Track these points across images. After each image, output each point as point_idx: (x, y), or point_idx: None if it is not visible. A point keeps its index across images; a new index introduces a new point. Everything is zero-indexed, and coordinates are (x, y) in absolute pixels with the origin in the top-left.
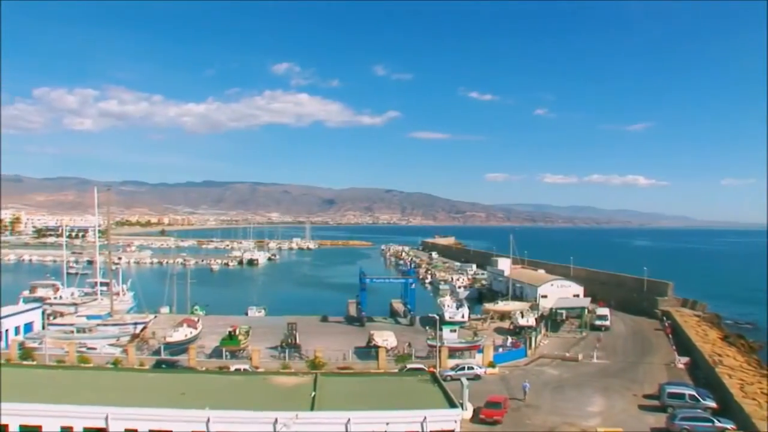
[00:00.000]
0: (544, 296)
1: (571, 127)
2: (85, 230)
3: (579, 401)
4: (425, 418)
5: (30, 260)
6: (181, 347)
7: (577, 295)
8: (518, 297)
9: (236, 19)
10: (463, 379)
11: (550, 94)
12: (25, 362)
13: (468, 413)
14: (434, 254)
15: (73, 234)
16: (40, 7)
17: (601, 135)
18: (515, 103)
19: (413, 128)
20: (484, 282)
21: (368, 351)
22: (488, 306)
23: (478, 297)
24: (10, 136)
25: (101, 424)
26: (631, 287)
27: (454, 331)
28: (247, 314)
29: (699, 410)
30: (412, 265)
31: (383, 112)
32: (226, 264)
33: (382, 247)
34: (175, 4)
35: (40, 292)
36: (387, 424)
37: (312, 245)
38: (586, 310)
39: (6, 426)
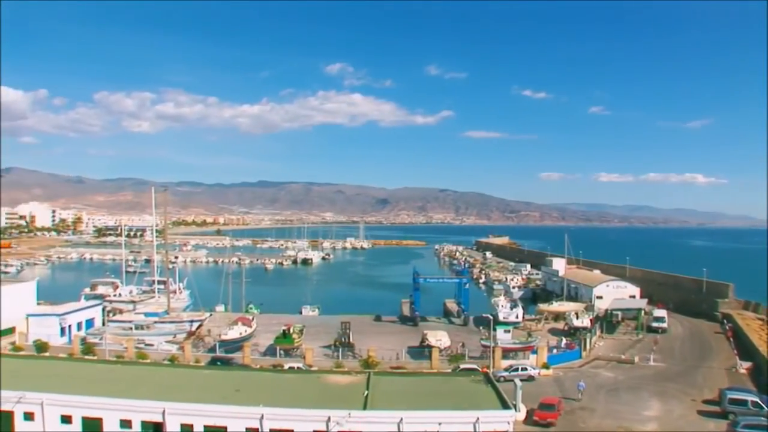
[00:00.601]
0: (600, 297)
1: (626, 125)
2: (143, 230)
3: (635, 405)
4: (478, 418)
5: (91, 258)
6: (236, 345)
7: (633, 296)
8: (573, 297)
9: (290, 21)
10: (517, 380)
11: (605, 92)
12: (86, 357)
13: (521, 415)
14: (488, 254)
15: (132, 233)
16: (99, 13)
17: (658, 132)
18: (569, 101)
19: (467, 127)
20: (538, 282)
21: (421, 351)
22: (542, 306)
23: (533, 297)
24: (72, 139)
25: (158, 419)
26: (690, 288)
27: (508, 331)
28: (301, 313)
29: (762, 418)
30: (466, 265)
31: (437, 111)
32: (281, 263)
33: (436, 246)
34: (230, 6)
35: (101, 290)
36: (439, 424)
37: (366, 245)
38: (643, 312)
39: (69, 417)
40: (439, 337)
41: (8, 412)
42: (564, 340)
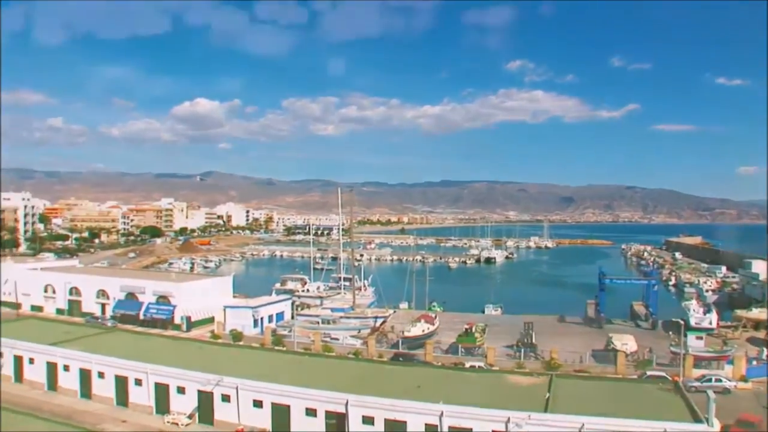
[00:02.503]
0: None
1: None
2: (330, 229)
3: None
4: (665, 430)
5: (281, 256)
6: (419, 342)
7: None
8: None
9: (470, 22)
10: (710, 392)
11: None
12: (276, 347)
13: (714, 430)
14: (678, 254)
15: (319, 232)
16: (283, 27)
17: None
18: None
19: (655, 121)
20: (735, 286)
21: (606, 354)
22: (740, 313)
23: (728, 302)
24: (263, 144)
25: (341, 410)
26: None
27: (701, 338)
28: (483, 312)
29: None
30: (655, 266)
31: (622, 105)
32: (464, 262)
33: (623, 246)
34: (407, 7)
35: (290, 285)
36: None
37: (550, 244)
38: None
39: (261, 402)
40: (625, 341)
41: (208, 393)
42: (765, 351)
